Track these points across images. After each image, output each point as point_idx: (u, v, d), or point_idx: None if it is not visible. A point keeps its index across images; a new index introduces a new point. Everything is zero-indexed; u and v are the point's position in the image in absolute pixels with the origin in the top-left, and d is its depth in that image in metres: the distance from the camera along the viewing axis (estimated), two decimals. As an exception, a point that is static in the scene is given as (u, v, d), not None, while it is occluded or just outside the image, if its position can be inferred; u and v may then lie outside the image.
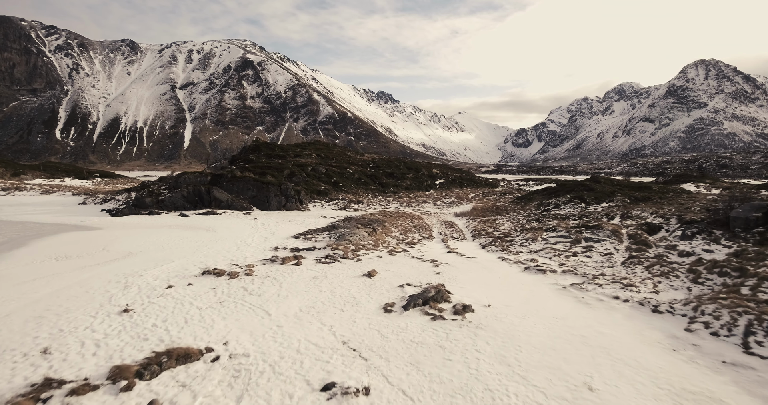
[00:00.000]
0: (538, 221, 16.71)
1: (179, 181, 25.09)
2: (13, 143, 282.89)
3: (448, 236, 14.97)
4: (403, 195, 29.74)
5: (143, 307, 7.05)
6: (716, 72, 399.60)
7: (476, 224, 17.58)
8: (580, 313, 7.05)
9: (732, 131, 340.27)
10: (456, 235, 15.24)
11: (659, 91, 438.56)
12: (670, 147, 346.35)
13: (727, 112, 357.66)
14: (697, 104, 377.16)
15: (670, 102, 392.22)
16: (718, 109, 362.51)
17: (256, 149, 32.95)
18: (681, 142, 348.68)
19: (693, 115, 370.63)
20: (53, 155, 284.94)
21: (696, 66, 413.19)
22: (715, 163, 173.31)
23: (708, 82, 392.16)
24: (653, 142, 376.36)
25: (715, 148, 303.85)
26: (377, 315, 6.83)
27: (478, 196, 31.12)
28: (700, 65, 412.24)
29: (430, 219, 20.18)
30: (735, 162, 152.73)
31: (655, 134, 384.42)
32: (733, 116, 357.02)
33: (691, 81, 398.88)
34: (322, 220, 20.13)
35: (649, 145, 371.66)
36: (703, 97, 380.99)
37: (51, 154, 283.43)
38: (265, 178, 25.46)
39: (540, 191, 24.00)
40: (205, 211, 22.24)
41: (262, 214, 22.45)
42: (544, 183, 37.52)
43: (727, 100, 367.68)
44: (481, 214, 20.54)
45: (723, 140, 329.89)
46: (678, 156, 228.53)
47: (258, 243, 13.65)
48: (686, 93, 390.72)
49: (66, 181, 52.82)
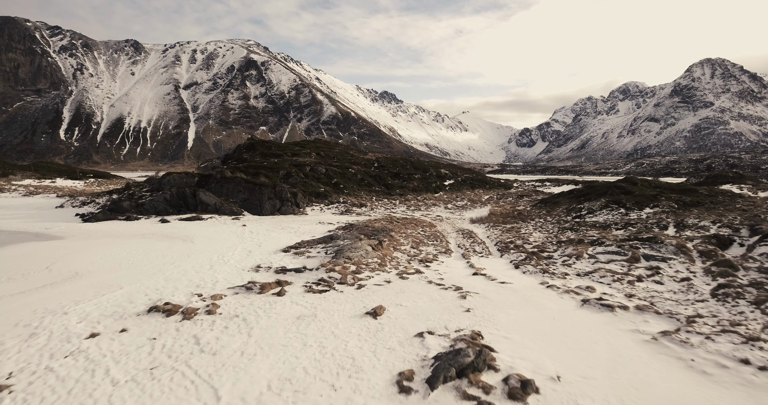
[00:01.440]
0: (573, 230, 14.15)
1: (163, 182, 22.74)
2: (17, 143, 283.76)
3: (469, 250, 12.45)
4: (411, 197, 27.22)
5: (29, 382, 4.61)
6: (722, 71, 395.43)
7: (499, 234, 15.03)
8: (704, 393, 4.51)
9: (738, 131, 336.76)
10: (479, 249, 12.71)
11: (664, 90, 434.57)
12: (676, 147, 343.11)
13: (734, 112, 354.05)
14: (703, 103, 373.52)
15: (676, 101, 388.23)
16: (724, 108, 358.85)
17: (251, 148, 30.50)
18: (687, 142, 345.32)
19: (699, 115, 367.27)
20: (57, 155, 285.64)
21: (702, 65, 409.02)
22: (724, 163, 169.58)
23: (714, 81, 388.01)
24: (659, 141, 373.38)
25: (721, 148, 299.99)
26: (388, 399, 4.33)
27: (492, 198, 28.52)
28: (706, 64, 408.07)
29: (443, 226, 17.66)
30: (744, 162, 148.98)
31: (660, 134, 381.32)
32: (740, 115, 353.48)
33: (697, 80, 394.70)
34: (319, 227, 17.67)
35: (655, 145, 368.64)
36: (709, 96, 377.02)
37: (55, 154, 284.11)
38: (257, 179, 23.06)
39: (566, 194, 21.38)
40: (189, 217, 19.86)
41: (253, 220, 20.04)
42: (561, 184, 34.83)
43: (733, 100, 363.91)
44: (502, 220, 17.99)
45: (729, 140, 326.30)
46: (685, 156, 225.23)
47: (238, 259, 11.21)
48: (692, 92, 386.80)
49: (57, 182, 50.85)
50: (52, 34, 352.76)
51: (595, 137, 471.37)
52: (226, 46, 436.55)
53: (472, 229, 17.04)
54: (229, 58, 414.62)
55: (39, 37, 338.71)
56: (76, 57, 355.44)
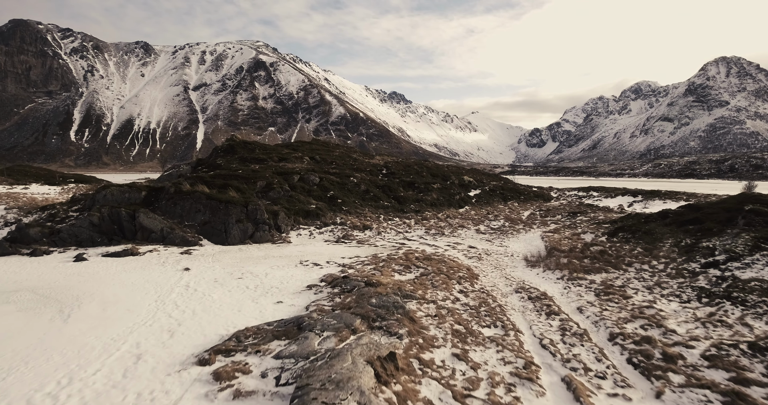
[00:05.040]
0: (737, 302, 7.68)
1: (96, 199, 16.83)
2: (28, 145, 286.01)
3: (577, 368, 6.01)
4: (429, 215, 20.86)
5: None
6: (738, 69, 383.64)
7: (599, 305, 8.55)
8: None
9: (755, 130, 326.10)
10: (590, 362, 6.24)
11: (678, 89, 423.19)
12: (690, 147, 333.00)
13: (750, 111, 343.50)
14: (718, 102, 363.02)
15: (690, 100, 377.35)
16: (740, 107, 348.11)
17: (229, 150, 24.43)
18: (701, 142, 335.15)
19: (714, 114, 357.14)
20: (68, 157, 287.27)
21: (717, 63, 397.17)
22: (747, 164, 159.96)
23: (729, 80, 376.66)
24: (672, 141, 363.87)
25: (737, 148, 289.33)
26: None
27: (534, 216, 21.95)
28: (721, 62, 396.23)
29: (488, 275, 11.29)
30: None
31: (674, 133, 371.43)
32: (756, 115, 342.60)
33: (712, 79, 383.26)
34: (298, 273, 11.48)
35: (668, 145, 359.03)
36: (724, 95, 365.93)
37: (66, 156, 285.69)
38: (224, 195, 17.00)
39: (657, 218, 14.77)
40: (119, 250, 13.87)
41: (209, 255, 13.97)
42: (615, 195, 27.96)
43: (749, 98, 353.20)
44: (578, 265, 11.54)
45: (746, 139, 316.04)
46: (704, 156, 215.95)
47: (103, 383, 5.08)
48: (707, 91, 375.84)
49: (31, 188, 45.77)
50: (64, 36, 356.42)
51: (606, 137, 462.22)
52: (235, 47, 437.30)
53: (538, 283, 10.64)
54: (238, 59, 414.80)
55: (50, 39, 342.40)
56: (86, 59, 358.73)
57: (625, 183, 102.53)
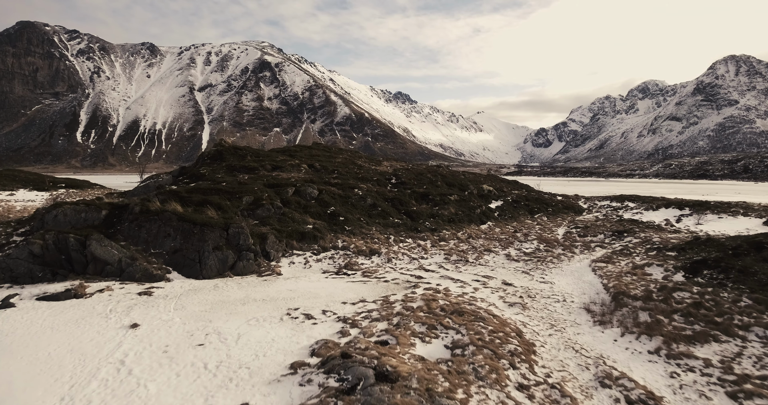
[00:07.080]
0: None
1: (46, 221, 13.86)
2: (35, 146, 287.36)
3: None
4: (448, 235, 17.60)
5: None
6: (747, 68, 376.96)
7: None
8: None
9: (765, 129, 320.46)
10: None
11: (686, 88, 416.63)
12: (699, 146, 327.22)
13: (760, 110, 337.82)
14: (727, 102, 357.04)
15: (699, 100, 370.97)
16: (750, 106, 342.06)
17: (217, 157, 21.27)
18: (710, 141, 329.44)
19: (723, 113, 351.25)
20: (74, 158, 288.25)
21: (726, 62, 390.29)
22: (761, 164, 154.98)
23: (739, 79, 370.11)
24: (681, 141, 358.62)
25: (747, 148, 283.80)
26: None
27: (572, 235, 18.58)
28: (730, 61, 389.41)
29: (545, 346, 8.02)
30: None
31: (682, 133, 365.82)
32: (766, 114, 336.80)
33: (721, 77, 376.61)
34: (283, 334, 8.26)
35: (677, 145, 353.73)
36: (733, 94, 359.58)
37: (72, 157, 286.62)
38: (200, 215, 13.94)
39: (747, 249, 11.46)
40: (60, 291, 10.84)
41: (176, 296, 10.90)
42: (657, 207, 24.34)
43: (759, 97, 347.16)
44: (668, 324, 8.24)
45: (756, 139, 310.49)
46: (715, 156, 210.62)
47: None
48: (715, 90, 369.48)
49: (17, 194, 43.28)
50: (70, 37, 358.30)
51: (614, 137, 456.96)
52: (240, 48, 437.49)
53: (626, 362, 7.34)
54: (243, 59, 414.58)
55: (57, 41, 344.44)
56: (93, 60, 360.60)
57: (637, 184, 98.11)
